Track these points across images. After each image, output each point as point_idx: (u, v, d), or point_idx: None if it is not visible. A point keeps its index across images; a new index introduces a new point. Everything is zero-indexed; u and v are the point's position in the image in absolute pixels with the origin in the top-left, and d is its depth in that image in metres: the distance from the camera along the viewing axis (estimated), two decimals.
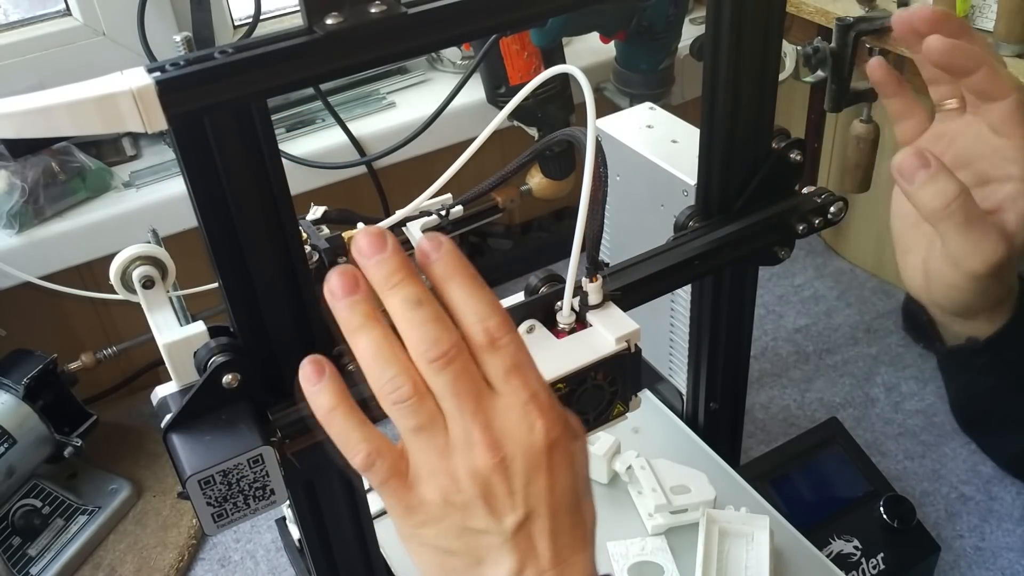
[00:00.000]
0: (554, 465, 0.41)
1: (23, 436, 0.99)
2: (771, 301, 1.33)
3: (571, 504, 0.43)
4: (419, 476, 0.42)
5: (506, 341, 0.41)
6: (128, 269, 0.56)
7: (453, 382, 0.41)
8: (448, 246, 0.42)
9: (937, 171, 0.52)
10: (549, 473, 0.41)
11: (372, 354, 0.41)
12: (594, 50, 1.30)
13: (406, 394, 0.41)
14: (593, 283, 0.56)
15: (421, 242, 0.43)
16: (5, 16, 1.15)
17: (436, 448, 0.41)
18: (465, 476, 0.41)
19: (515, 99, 0.58)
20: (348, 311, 0.42)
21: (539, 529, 0.42)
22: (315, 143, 1.18)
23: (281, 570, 1.02)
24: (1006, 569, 0.96)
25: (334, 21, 0.45)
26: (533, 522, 0.42)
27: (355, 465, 0.43)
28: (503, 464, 0.41)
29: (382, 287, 0.42)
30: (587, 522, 0.44)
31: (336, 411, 0.43)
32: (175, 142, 0.46)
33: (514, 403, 0.41)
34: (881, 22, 1.09)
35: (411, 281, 0.42)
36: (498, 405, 0.41)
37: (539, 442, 0.41)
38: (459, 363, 0.41)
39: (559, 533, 0.42)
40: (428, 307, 0.41)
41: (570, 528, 0.43)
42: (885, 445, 1.10)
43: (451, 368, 0.40)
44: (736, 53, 0.64)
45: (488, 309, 0.42)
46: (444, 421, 0.41)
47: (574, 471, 0.43)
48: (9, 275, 1.03)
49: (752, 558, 0.75)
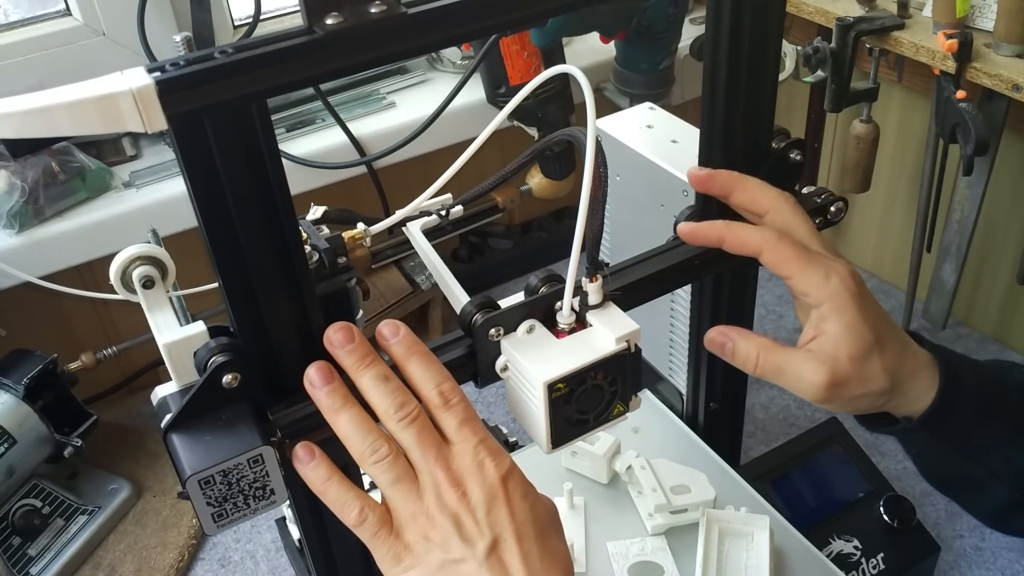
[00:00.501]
0: (510, 494, 0.49)
1: (23, 436, 0.99)
2: (771, 301, 1.33)
3: (536, 532, 0.49)
4: (402, 523, 0.50)
5: (456, 400, 0.51)
6: (128, 269, 0.56)
7: (417, 435, 0.50)
8: (404, 330, 0.52)
9: (737, 340, 0.61)
10: (507, 501, 0.49)
11: (353, 428, 0.50)
12: (594, 50, 1.30)
13: (384, 453, 0.50)
14: (593, 283, 0.56)
15: (381, 328, 0.53)
16: (5, 16, 1.15)
17: (411, 494, 0.50)
18: (437, 512, 0.49)
19: (515, 99, 0.58)
20: (328, 397, 0.51)
21: (508, 552, 0.48)
22: (315, 143, 1.18)
23: (281, 570, 1.02)
24: (1006, 569, 0.96)
25: (334, 21, 0.45)
26: (501, 546, 0.49)
27: (349, 522, 0.51)
28: (465, 496, 0.49)
29: (354, 370, 0.51)
30: (558, 556, 0.50)
31: (331, 481, 0.52)
32: (175, 142, 0.46)
33: (467, 449, 0.50)
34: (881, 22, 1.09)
35: (378, 362, 0.51)
36: (455, 451, 0.50)
37: (492, 475, 0.49)
38: (420, 420, 0.50)
39: (529, 556, 0.49)
40: (392, 381, 0.51)
41: (539, 555, 0.49)
42: (885, 445, 1.10)
43: (415, 424, 0.50)
44: (736, 53, 0.64)
45: (440, 377, 0.51)
46: (414, 473, 0.50)
47: (530, 501, 0.50)
48: (9, 275, 1.03)
49: (752, 558, 0.75)
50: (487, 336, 0.57)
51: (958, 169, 1.04)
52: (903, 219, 1.27)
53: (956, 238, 1.14)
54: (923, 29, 1.04)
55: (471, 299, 0.58)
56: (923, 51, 1.02)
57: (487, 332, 0.57)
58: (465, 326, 0.58)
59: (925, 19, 1.06)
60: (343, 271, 0.60)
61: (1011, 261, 1.18)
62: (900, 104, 1.22)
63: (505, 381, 0.58)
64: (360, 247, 0.66)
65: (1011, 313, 1.23)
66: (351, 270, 0.61)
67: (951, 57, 0.98)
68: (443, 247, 1.39)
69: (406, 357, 0.52)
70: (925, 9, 1.06)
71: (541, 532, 0.50)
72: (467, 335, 0.58)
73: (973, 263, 1.19)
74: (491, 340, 0.57)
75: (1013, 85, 0.95)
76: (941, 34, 0.99)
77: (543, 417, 0.55)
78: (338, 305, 0.61)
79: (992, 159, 1.06)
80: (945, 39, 0.97)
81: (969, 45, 0.97)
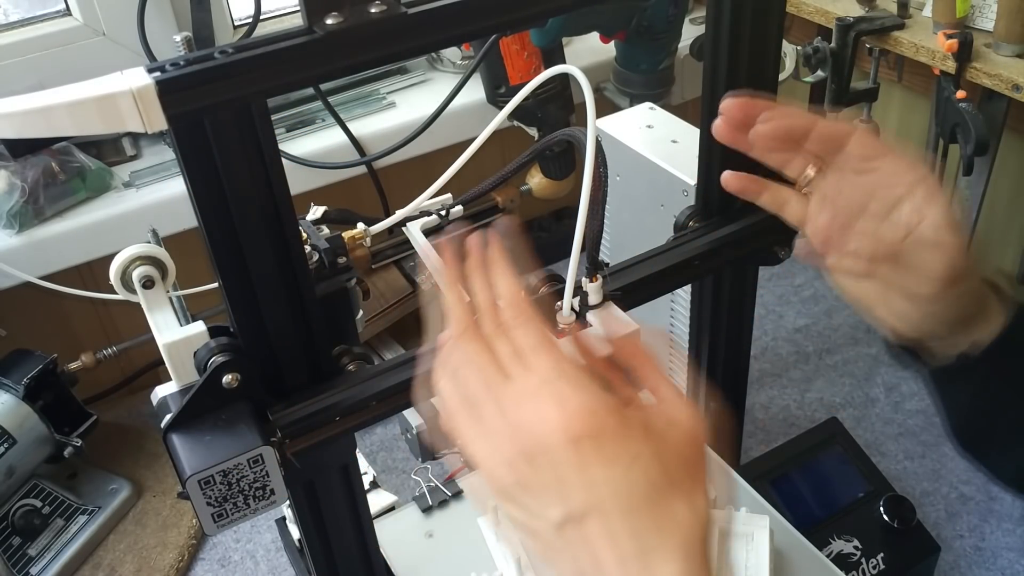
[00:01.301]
0: (584, 458, 0.39)
1: (23, 436, 0.99)
2: (771, 301, 1.33)
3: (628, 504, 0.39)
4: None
5: (512, 323, 0.42)
6: (128, 269, 0.56)
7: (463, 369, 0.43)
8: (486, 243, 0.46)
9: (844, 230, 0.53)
10: (580, 468, 0.39)
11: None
12: (594, 50, 1.30)
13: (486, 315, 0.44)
14: (593, 283, 0.56)
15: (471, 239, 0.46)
16: (5, 16, 1.15)
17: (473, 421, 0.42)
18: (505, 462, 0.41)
19: (515, 99, 0.58)
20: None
21: (588, 527, 0.39)
22: (315, 143, 1.18)
23: (281, 570, 1.02)
24: (1006, 569, 0.96)
25: (334, 21, 0.45)
26: (574, 521, 0.39)
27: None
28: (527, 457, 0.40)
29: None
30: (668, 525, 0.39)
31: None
32: (175, 142, 0.46)
33: (526, 388, 0.41)
34: (881, 22, 1.09)
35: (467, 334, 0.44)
36: (515, 389, 0.41)
37: (555, 433, 0.39)
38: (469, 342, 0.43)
39: (616, 537, 0.39)
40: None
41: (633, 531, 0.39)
42: (885, 445, 1.10)
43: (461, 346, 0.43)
44: (736, 53, 0.64)
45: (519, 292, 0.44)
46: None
47: (622, 466, 0.39)
48: (9, 275, 1.03)
49: (752, 558, 0.75)
50: None
51: (958, 169, 1.04)
52: None
53: None
54: (923, 29, 1.04)
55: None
56: (923, 51, 1.02)
57: None
58: None
59: (925, 19, 1.06)
60: (343, 271, 0.60)
61: (1011, 261, 1.18)
62: (900, 104, 1.22)
63: None
64: (360, 247, 0.66)
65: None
66: (351, 270, 0.61)
67: (951, 57, 0.98)
68: None
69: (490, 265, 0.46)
70: (925, 9, 1.06)
71: (637, 503, 0.39)
72: None
73: None
74: None
75: (1013, 85, 0.95)
76: (941, 34, 0.99)
77: None
78: (338, 305, 0.61)
79: (992, 159, 1.06)
80: (945, 39, 0.97)
81: (969, 45, 0.97)
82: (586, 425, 0.40)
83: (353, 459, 0.62)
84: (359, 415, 0.57)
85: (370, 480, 0.90)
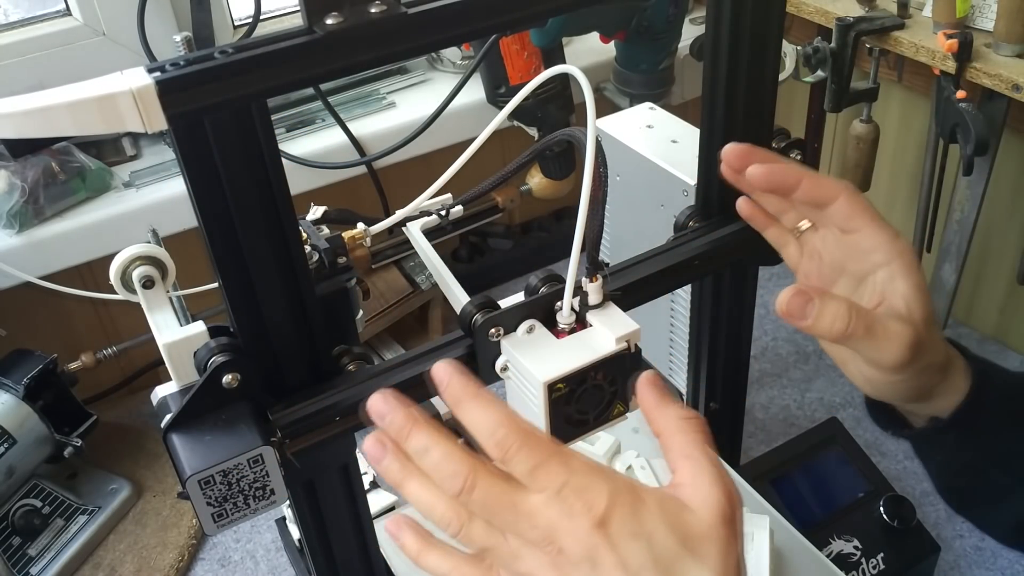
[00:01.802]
0: (614, 539, 0.41)
1: (23, 436, 0.99)
2: (771, 301, 1.33)
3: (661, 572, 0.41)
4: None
5: (516, 447, 0.43)
6: (128, 269, 0.56)
7: (484, 502, 0.42)
8: (455, 373, 0.45)
9: (821, 299, 0.52)
10: (612, 548, 0.41)
11: (416, 501, 0.44)
12: (594, 50, 1.30)
13: (455, 528, 0.43)
14: (593, 283, 0.56)
15: (432, 372, 0.45)
16: (5, 16, 1.15)
17: (507, 556, 0.43)
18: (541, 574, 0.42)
19: (515, 99, 0.58)
20: (385, 473, 0.45)
21: None
22: (315, 143, 1.18)
23: (281, 570, 1.02)
24: (1006, 569, 0.96)
25: (334, 21, 0.45)
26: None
27: None
28: (561, 555, 0.41)
29: (398, 441, 0.45)
30: None
31: (424, 552, 0.46)
32: (175, 142, 0.46)
33: (548, 499, 0.42)
34: (881, 22, 1.09)
35: (416, 431, 0.44)
36: (534, 504, 0.42)
37: (585, 524, 0.41)
38: (482, 484, 0.42)
39: None
40: (435, 450, 0.43)
41: None
42: (885, 445, 1.10)
43: (477, 491, 0.42)
44: (736, 53, 0.64)
45: (494, 423, 0.43)
46: (500, 534, 0.43)
47: (645, 537, 0.41)
48: (9, 275, 1.03)
49: (752, 558, 0.75)
50: (487, 336, 0.57)
51: (958, 169, 1.04)
52: (903, 219, 1.27)
53: (956, 238, 1.14)
54: (923, 29, 1.04)
55: (471, 299, 0.58)
56: (923, 51, 1.02)
57: (487, 332, 0.57)
58: (465, 326, 0.58)
59: (925, 19, 1.06)
60: (343, 271, 0.60)
61: (1011, 261, 1.18)
62: (900, 104, 1.22)
63: (505, 381, 0.58)
64: (360, 247, 0.66)
65: (1011, 313, 1.23)
66: (351, 270, 0.61)
67: (951, 57, 0.98)
68: (443, 247, 1.39)
69: (456, 403, 0.45)
70: (925, 9, 1.06)
71: (668, 567, 0.41)
72: (467, 335, 0.58)
73: (973, 263, 1.19)
74: (491, 340, 0.57)
75: (1013, 85, 0.95)
76: (941, 34, 0.99)
77: (543, 417, 0.55)
78: (338, 305, 0.61)
79: (992, 159, 1.06)
80: (945, 39, 0.97)
81: (969, 45, 0.97)
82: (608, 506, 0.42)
83: (353, 459, 0.62)
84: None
85: (370, 480, 0.90)
